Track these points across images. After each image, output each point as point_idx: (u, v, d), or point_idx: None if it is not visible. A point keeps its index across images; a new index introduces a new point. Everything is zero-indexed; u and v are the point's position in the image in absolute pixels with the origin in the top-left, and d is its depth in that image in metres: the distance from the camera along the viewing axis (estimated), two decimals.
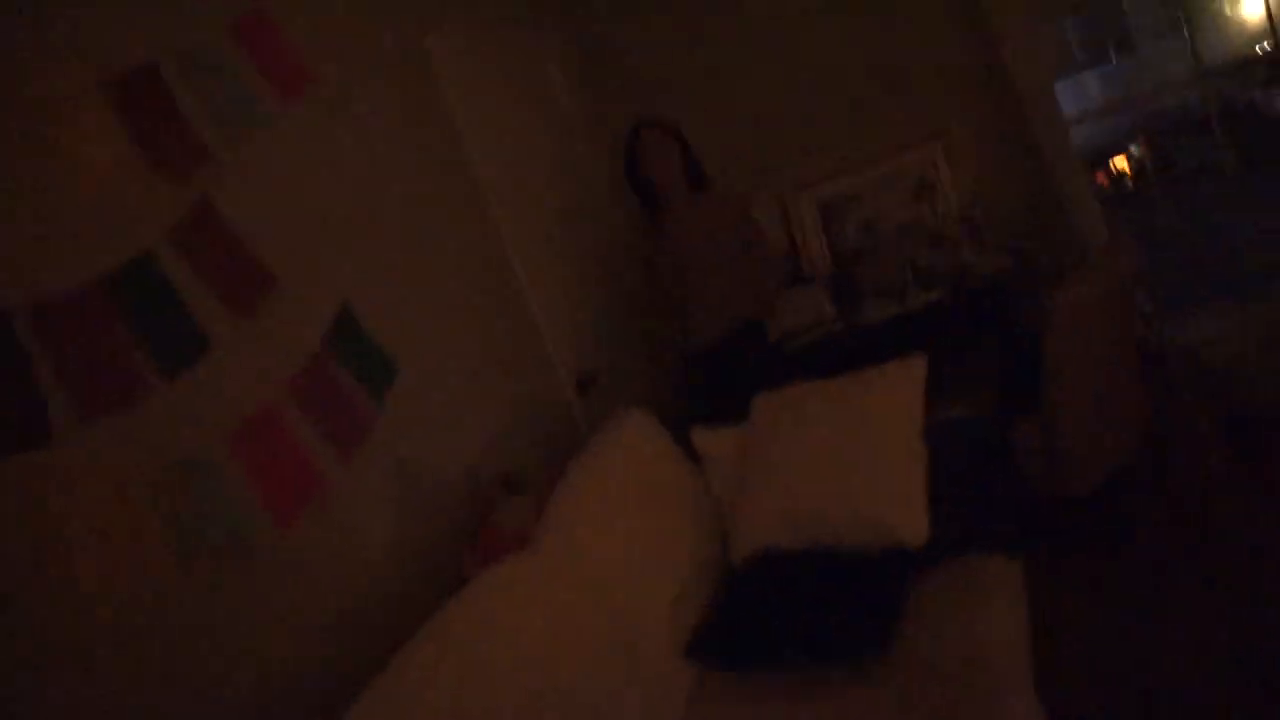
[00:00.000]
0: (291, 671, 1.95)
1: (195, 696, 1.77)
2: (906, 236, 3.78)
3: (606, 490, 2.42)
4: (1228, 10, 5.59)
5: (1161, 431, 3.27)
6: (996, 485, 2.42)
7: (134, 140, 1.96)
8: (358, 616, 2.18)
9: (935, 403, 2.62)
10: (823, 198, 3.96)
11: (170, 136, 2.05)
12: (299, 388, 2.17)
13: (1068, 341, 2.67)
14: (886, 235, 3.85)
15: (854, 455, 2.35)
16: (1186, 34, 4.40)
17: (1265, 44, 5.61)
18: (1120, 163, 5.81)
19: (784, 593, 2.25)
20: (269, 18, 2.39)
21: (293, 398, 2.15)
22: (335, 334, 2.32)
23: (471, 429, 2.72)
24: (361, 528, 2.29)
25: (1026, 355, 2.82)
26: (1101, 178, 6.20)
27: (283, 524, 2.05)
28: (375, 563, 2.28)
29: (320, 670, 2.01)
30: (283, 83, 2.39)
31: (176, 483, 1.84)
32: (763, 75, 4.00)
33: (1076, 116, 4.23)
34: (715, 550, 2.55)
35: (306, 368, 2.20)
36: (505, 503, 2.27)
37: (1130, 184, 5.78)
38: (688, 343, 3.29)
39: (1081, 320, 2.66)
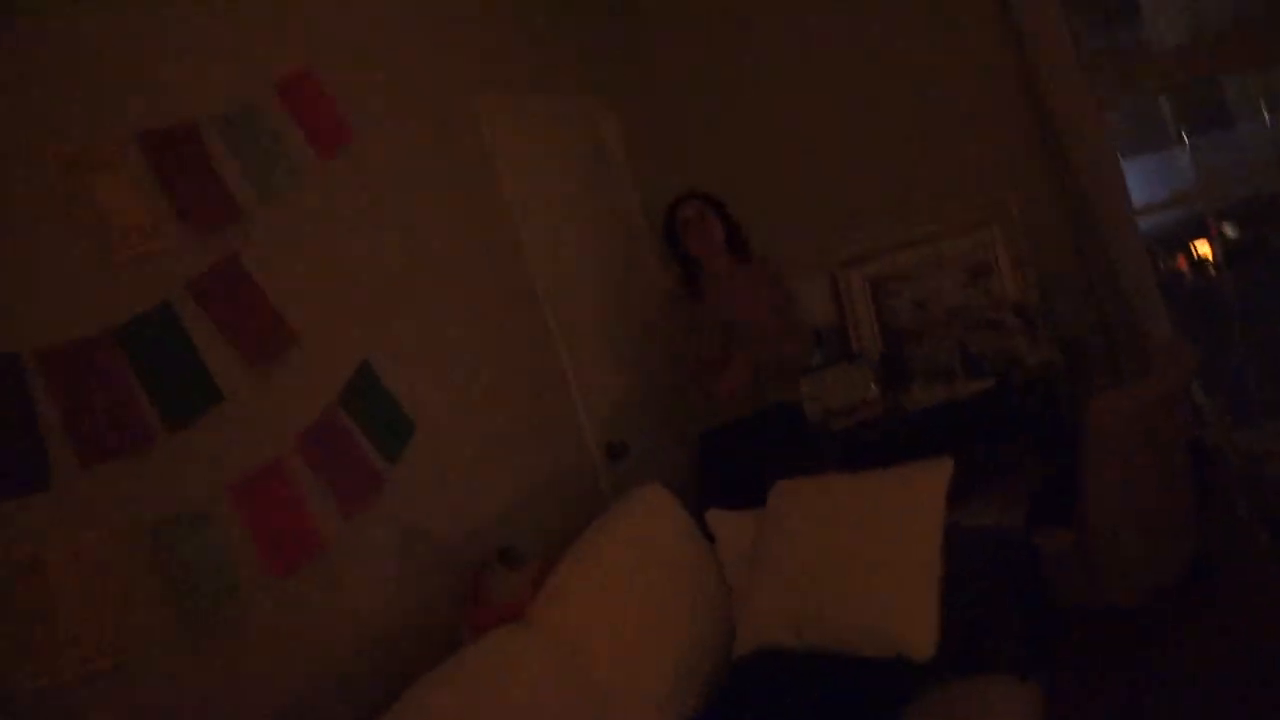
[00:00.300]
0: None
1: None
2: (958, 319, 3.67)
3: (611, 568, 2.37)
4: None
5: (1213, 545, 3.08)
6: (1017, 602, 2.30)
7: (166, 194, 2.02)
8: (350, 674, 2.17)
9: (964, 504, 2.52)
10: (875, 274, 3.88)
11: (203, 193, 2.10)
12: (308, 442, 2.19)
13: (1105, 451, 2.54)
14: (938, 317, 3.75)
15: (866, 558, 2.26)
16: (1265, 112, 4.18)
17: None
18: (1204, 247, 5.49)
19: (780, 697, 2.16)
20: (313, 75, 2.45)
21: (300, 452, 2.17)
22: (352, 390, 2.34)
23: (486, 493, 2.71)
24: (360, 585, 2.29)
25: (1067, 459, 2.69)
26: (1183, 262, 5.88)
27: (278, 574, 2.06)
28: (372, 621, 2.27)
29: None
30: (322, 142, 2.44)
31: (172, 533, 1.86)
32: (818, 148, 3.96)
33: (1166, 198, 4.04)
34: (720, 638, 2.47)
35: (317, 422, 2.22)
36: (500, 574, 2.24)
37: (1214, 270, 5.47)
38: (715, 412, 3.21)
39: (1121, 430, 2.54)
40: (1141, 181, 5.05)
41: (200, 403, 1.99)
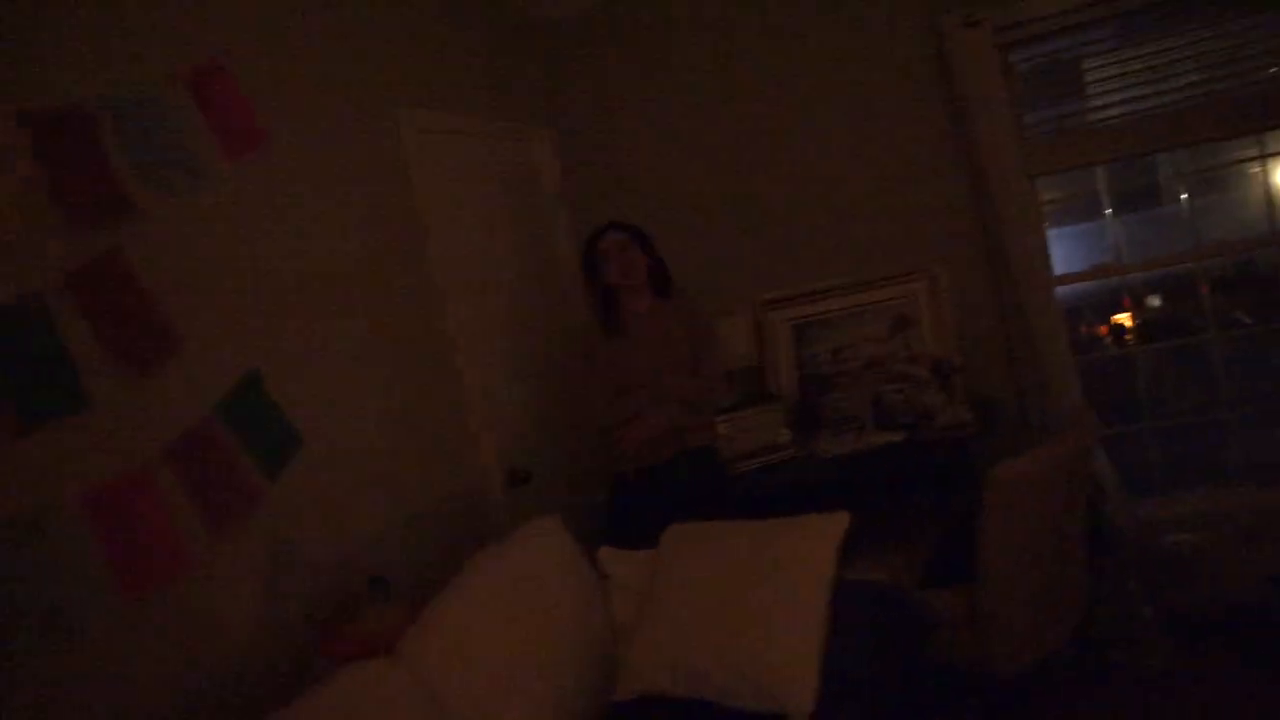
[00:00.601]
0: None
1: None
2: (875, 370, 3.68)
3: (491, 603, 2.30)
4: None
5: (1102, 619, 3.12)
6: (898, 661, 2.28)
7: (47, 181, 1.92)
8: (210, 695, 2.07)
9: (857, 559, 2.51)
10: (797, 318, 3.88)
11: (90, 182, 2.00)
12: (179, 454, 2.08)
13: (1002, 515, 2.55)
14: (855, 366, 3.76)
15: (753, 608, 2.23)
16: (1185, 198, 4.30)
17: None
18: (1124, 317, 5.59)
19: None
20: (226, 70, 2.36)
21: (169, 464, 2.06)
22: (235, 400, 2.24)
23: (373, 514, 2.63)
24: (226, 604, 2.18)
25: (965, 521, 2.70)
26: (1105, 330, 5.99)
27: (132, 595, 1.94)
28: (234, 645, 2.17)
29: None
30: (230, 141, 2.34)
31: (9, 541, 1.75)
32: (753, 188, 3.96)
33: (1088, 268, 4.11)
34: (602, 682, 2.41)
35: (191, 432, 2.12)
36: (369, 603, 2.16)
37: (1130, 341, 5.57)
38: (623, 461, 3.13)
39: (1019, 496, 2.55)
40: (1071, 248, 5.14)
41: (62, 404, 1.88)
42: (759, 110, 3.92)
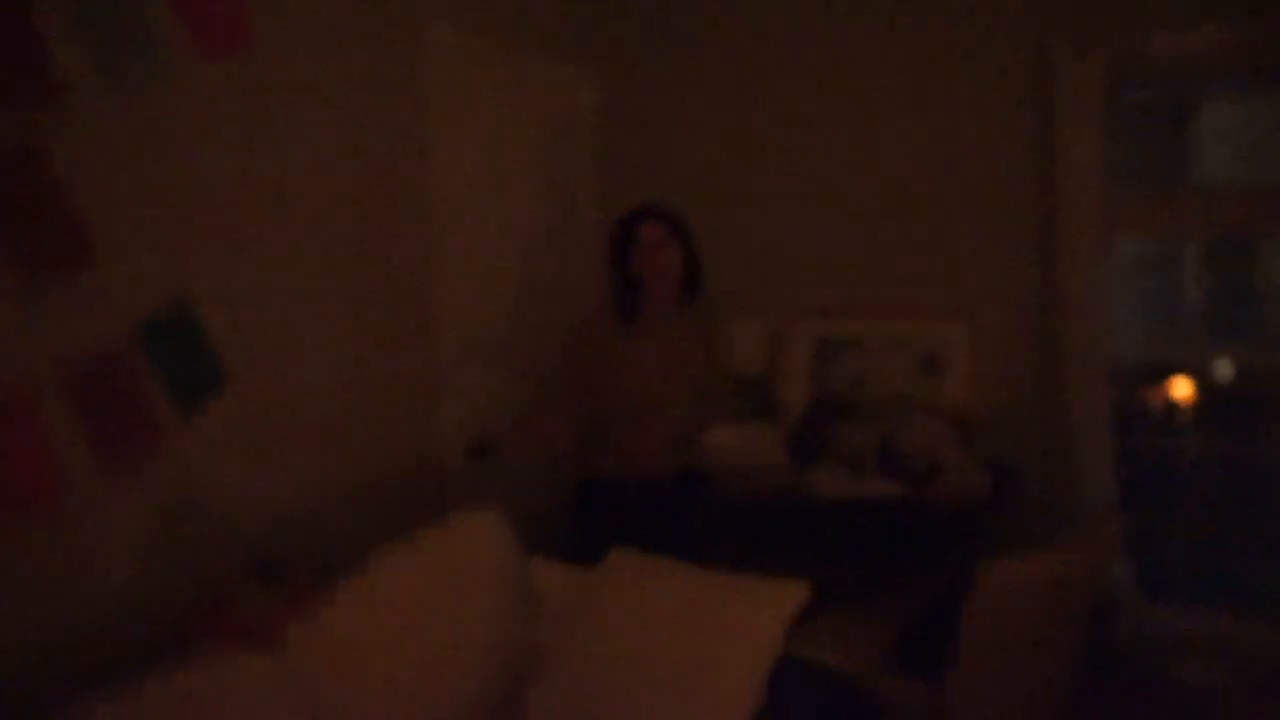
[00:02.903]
0: None
1: None
2: (892, 409, 3.36)
3: (397, 601, 2.06)
4: None
5: None
6: None
7: None
8: (74, 643, 1.88)
9: (821, 624, 2.23)
10: (822, 333, 3.56)
11: (13, 57, 1.75)
12: (73, 376, 1.85)
13: (990, 620, 2.25)
14: (873, 399, 3.44)
15: (675, 671, 1.96)
16: None
17: None
18: (1182, 387, 4.93)
19: None
20: None
21: (61, 388, 1.83)
22: (157, 326, 2.00)
23: (301, 473, 2.39)
24: (108, 551, 1.97)
25: (952, 599, 2.40)
26: (1156, 398, 5.37)
27: None
28: (113, 593, 1.97)
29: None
30: (207, 37, 2.07)
31: None
32: (803, 189, 3.62)
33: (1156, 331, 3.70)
34: (500, 708, 2.17)
35: (93, 355, 1.88)
36: (252, 588, 1.93)
37: (1188, 418, 5.00)
38: (603, 475, 2.83)
39: (1012, 603, 2.25)
40: (1140, 294, 4.63)
41: None
42: (823, 104, 3.58)
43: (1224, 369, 5.35)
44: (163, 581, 2.04)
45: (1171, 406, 5.00)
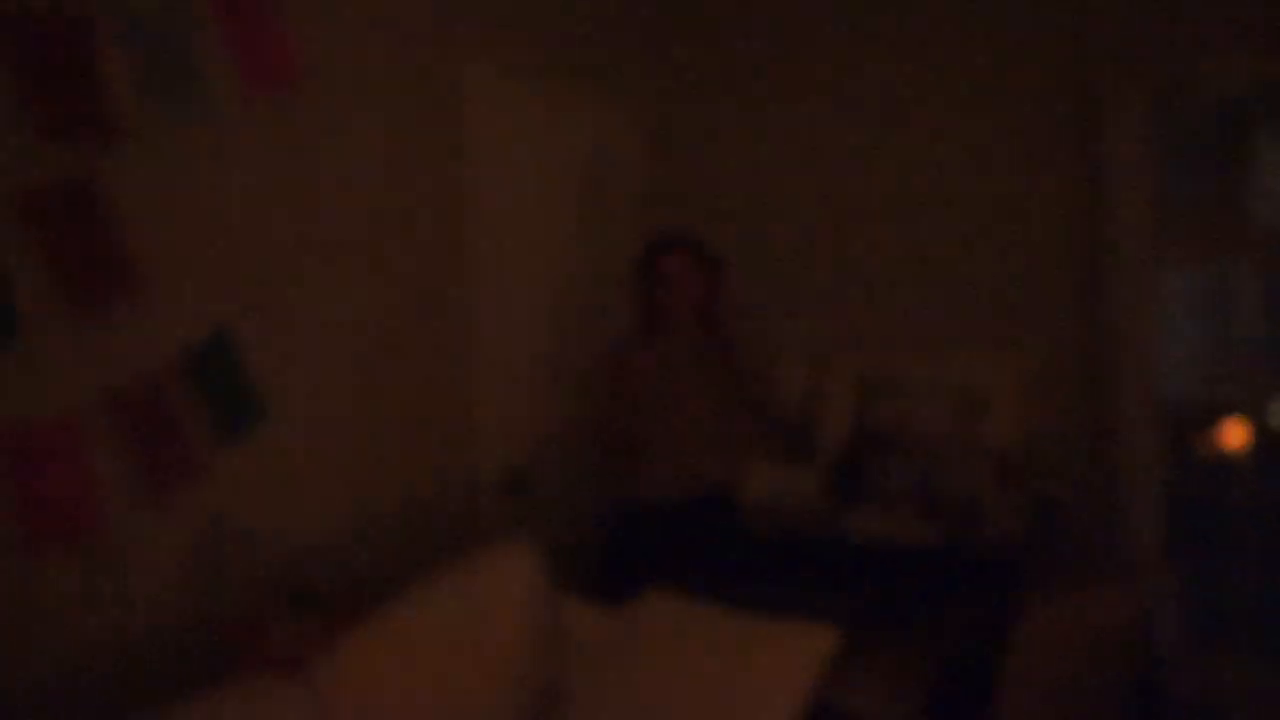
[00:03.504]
0: None
1: None
2: (935, 448, 3.30)
3: (423, 639, 2.06)
4: None
5: None
6: None
7: (25, 88, 1.73)
8: (106, 667, 1.90)
9: (847, 676, 2.18)
10: (865, 372, 3.52)
11: (71, 94, 1.80)
12: (117, 405, 1.89)
13: (1029, 666, 2.19)
14: (915, 438, 3.38)
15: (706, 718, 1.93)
16: None
17: None
18: (1236, 433, 4.74)
19: None
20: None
21: (104, 414, 1.87)
22: (197, 357, 2.04)
23: (337, 506, 2.41)
24: (144, 577, 2.00)
25: (985, 654, 2.34)
26: (1211, 441, 5.17)
27: (33, 549, 1.78)
28: (147, 619, 1.98)
29: None
30: (255, 76, 2.13)
31: None
32: (845, 225, 3.61)
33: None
34: None
35: (136, 385, 1.92)
36: (284, 620, 1.94)
37: (1243, 461, 4.80)
38: (638, 494, 2.89)
39: (1053, 648, 2.18)
40: (1199, 335, 4.48)
41: None
42: (866, 142, 3.58)
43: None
44: (198, 609, 2.05)
45: (1226, 448, 4.83)
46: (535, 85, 3.04)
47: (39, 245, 1.77)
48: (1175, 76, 3.07)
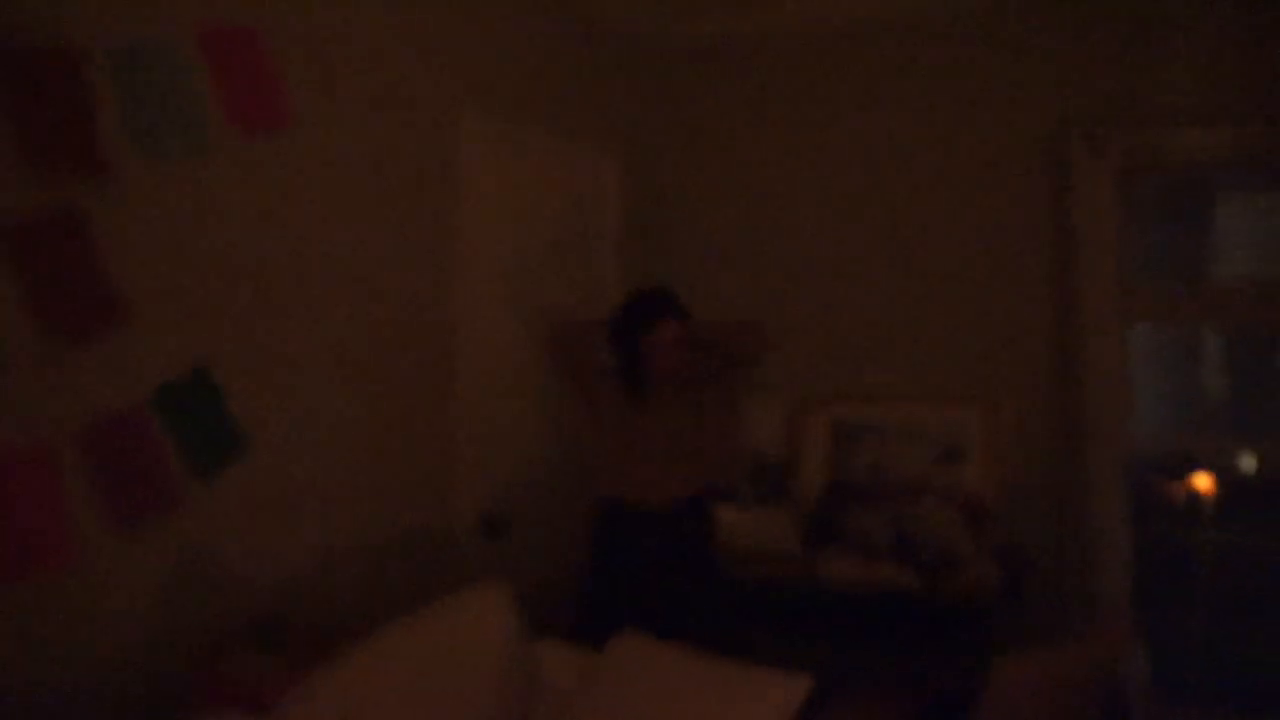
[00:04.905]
0: None
1: None
2: (908, 495, 3.33)
3: (392, 682, 2.04)
4: None
5: None
6: None
7: (15, 130, 1.75)
8: (77, 704, 1.88)
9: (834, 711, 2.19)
10: (840, 418, 3.56)
11: (62, 132, 1.83)
12: (92, 437, 1.89)
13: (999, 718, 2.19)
14: (890, 486, 3.41)
15: None
16: None
17: None
18: (1203, 480, 4.76)
19: None
20: (258, 40, 2.17)
21: (78, 446, 1.87)
22: (174, 392, 2.04)
23: (315, 539, 2.40)
24: (116, 610, 1.99)
25: (957, 704, 2.35)
26: (1178, 491, 5.21)
27: (3, 583, 1.76)
28: (119, 653, 1.97)
29: None
30: (245, 117, 2.15)
31: None
32: (823, 271, 3.67)
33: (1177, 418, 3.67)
34: None
35: (113, 418, 1.92)
36: (248, 653, 1.93)
37: (1210, 511, 4.84)
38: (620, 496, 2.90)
39: (1022, 702, 2.19)
40: (1166, 389, 4.55)
41: None
42: (842, 190, 3.66)
43: (1247, 462, 5.23)
44: (167, 642, 2.04)
45: (1193, 499, 4.89)
46: (520, 126, 3.10)
47: (22, 276, 1.78)
48: (1143, 141, 3.17)
